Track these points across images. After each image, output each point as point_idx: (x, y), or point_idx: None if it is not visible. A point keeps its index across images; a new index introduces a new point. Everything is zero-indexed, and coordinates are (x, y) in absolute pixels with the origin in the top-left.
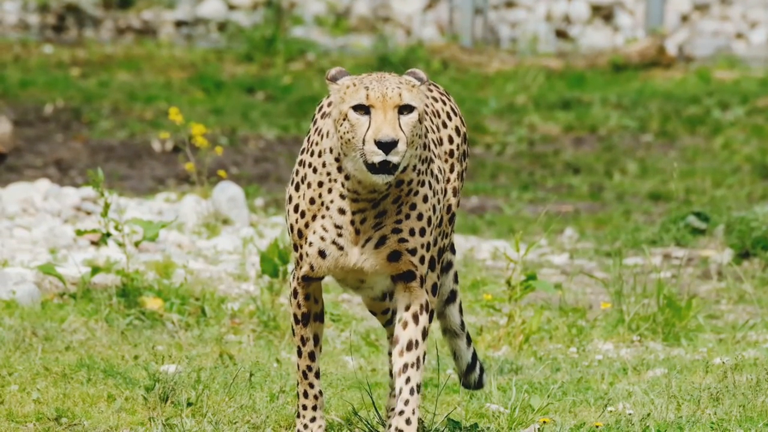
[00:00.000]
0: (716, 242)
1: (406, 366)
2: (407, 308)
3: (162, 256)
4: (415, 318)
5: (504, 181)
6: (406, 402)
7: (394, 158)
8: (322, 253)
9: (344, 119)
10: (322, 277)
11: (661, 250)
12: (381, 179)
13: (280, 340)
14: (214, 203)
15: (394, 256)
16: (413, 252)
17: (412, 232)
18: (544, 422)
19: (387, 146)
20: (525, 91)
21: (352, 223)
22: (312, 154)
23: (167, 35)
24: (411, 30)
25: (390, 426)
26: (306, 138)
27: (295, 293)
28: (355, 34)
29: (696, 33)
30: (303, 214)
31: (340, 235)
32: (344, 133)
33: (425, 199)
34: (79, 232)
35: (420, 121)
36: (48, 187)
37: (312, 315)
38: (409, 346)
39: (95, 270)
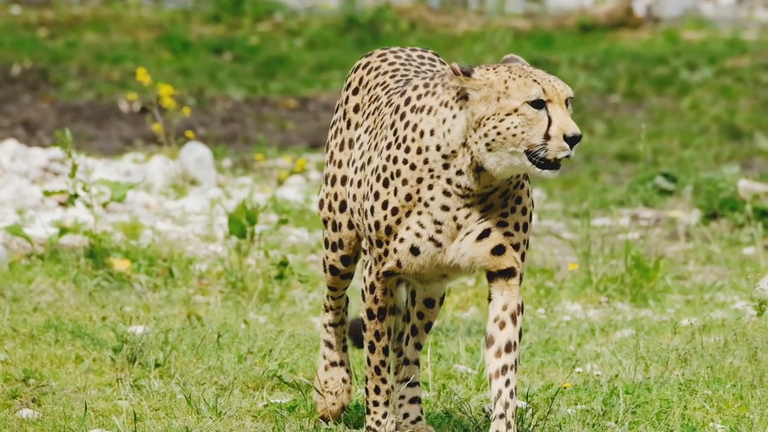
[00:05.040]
0: (684, 203)
1: (505, 368)
2: (504, 308)
3: (129, 217)
4: (513, 318)
5: None
6: (506, 405)
7: (573, 153)
8: (415, 250)
9: (509, 114)
10: (407, 273)
11: (629, 210)
12: (550, 174)
13: (248, 301)
14: (182, 164)
15: (498, 250)
16: (516, 247)
17: (516, 227)
18: None
19: (575, 141)
20: (493, 52)
21: (455, 218)
22: (408, 151)
23: None
24: None
25: (491, 430)
26: (384, 129)
27: (372, 288)
28: None
29: None
30: (395, 211)
31: (439, 231)
32: (509, 128)
33: (528, 192)
34: (47, 193)
35: None
36: (15, 148)
37: (388, 309)
38: (508, 348)
39: (63, 231)
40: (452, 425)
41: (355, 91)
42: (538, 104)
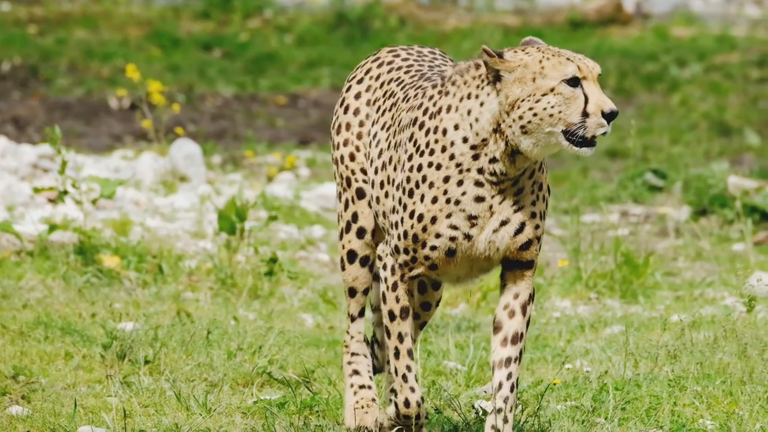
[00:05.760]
0: (673, 199)
1: (509, 360)
2: (516, 296)
3: (119, 213)
4: (523, 309)
5: None
6: (506, 399)
7: (609, 129)
8: (450, 252)
9: (545, 94)
10: (440, 274)
11: (619, 207)
12: (588, 152)
13: (238, 298)
14: (171, 160)
15: (526, 245)
16: (538, 239)
17: (541, 216)
18: None
19: (612, 117)
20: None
21: (491, 207)
22: (432, 153)
23: None
24: None
25: (487, 423)
26: (401, 133)
27: (395, 287)
28: None
29: None
30: (420, 218)
31: (473, 226)
32: (546, 108)
33: (546, 176)
34: (37, 190)
35: None
36: (5, 145)
37: (411, 308)
38: (514, 339)
39: (52, 228)
40: (442, 422)
41: (360, 81)
42: (574, 82)
